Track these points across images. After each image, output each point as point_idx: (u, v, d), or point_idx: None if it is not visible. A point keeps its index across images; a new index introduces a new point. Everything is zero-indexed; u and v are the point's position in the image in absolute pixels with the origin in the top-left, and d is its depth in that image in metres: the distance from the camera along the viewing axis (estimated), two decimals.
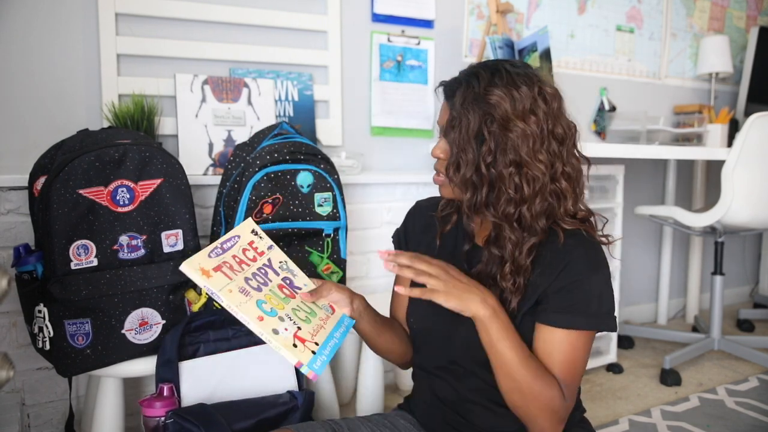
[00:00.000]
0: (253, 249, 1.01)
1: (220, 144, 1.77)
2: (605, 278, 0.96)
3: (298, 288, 1.01)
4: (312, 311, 0.97)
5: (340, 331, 0.98)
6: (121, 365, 1.28)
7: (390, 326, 1.14)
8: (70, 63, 1.64)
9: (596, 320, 0.94)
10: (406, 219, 1.20)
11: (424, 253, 1.06)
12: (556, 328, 0.93)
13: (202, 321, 1.32)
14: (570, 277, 0.93)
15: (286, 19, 1.92)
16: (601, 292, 0.95)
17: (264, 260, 1.00)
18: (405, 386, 1.95)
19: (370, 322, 1.08)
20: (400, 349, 1.14)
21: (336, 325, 0.98)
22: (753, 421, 1.85)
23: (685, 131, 2.56)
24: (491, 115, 0.92)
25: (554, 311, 0.93)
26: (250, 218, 1.07)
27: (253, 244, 1.01)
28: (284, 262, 1.05)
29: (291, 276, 1.02)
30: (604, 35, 2.66)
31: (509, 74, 0.94)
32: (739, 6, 3.08)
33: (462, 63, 2.29)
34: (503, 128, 0.92)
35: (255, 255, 1.00)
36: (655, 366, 2.32)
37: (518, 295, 0.95)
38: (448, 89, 0.99)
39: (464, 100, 0.94)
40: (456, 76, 1.00)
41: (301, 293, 1.00)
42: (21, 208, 1.48)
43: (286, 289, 0.98)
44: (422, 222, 1.15)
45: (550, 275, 0.94)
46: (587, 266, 0.94)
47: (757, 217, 2.16)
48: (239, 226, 1.02)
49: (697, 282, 3.00)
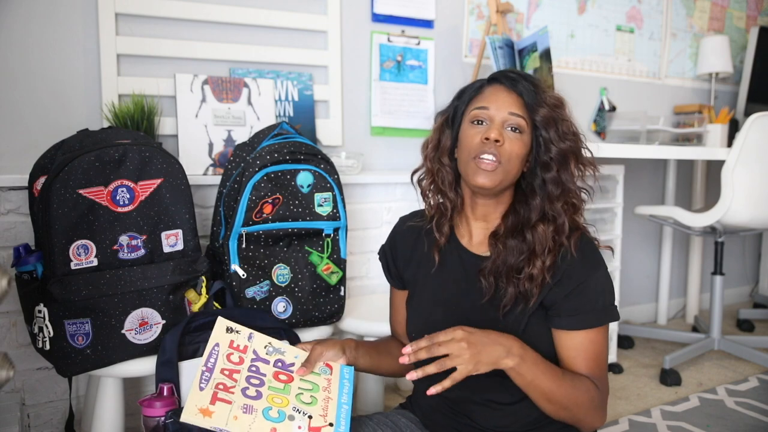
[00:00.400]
0: (236, 349, 1.00)
1: (220, 144, 1.77)
2: (605, 273, 1.00)
3: (291, 365, 1.01)
4: (314, 385, 0.99)
5: (345, 391, 1.00)
6: (121, 365, 1.28)
7: (386, 350, 1.16)
8: (70, 63, 1.64)
9: (604, 314, 0.99)
10: (393, 236, 1.19)
11: (419, 272, 1.10)
12: (574, 331, 0.97)
13: (202, 321, 1.31)
14: (574, 281, 0.97)
15: (286, 19, 1.92)
16: (603, 287, 1.00)
17: (250, 355, 1.00)
18: (405, 386, 1.95)
19: (367, 356, 1.10)
20: (402, 367, 1.15)
21: (340, 386, 0.99)
22: (753, 421, 1.85)
23: (685, 131, 2.56)
24: (554, 114, 1.00)
25: (567, 315, 0.97)
26: (219, 317, 1.06)
27: (234, 344, 1.00)
28: (268, 344, 1.04)
29: (280, 356, 1.02)
30: (604, 35, 2.66)
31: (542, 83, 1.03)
32: (739, 6, 3.08)
33: (462, 63, 2.29)
34: (563, 126, 1.00)
35: (240, 356, 1.00)
36: (655, 366, 2.32)
37: (539, 289, 0.97)
38: (514, 80, 1.02)
39: (539, 94, 1.00)
40: (510, 71, 1.05)
41: (297, 371, 1.00)
42: (21, 208, 1.48)
43: (282, 374, 0.99)
44: (411, 238, 1.15)
45: (555, 275, 0.97)
46: (588, 267, 0.98)
47: (757, 217, 2.16)
48: (214, 332, 1.01)
49: (697, 282, 3.00)
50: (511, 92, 1.00)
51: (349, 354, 1.07)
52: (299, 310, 1.47)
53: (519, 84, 1.00)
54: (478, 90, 1.04)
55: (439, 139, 1.08)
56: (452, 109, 1.08)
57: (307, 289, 1.48)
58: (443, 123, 1.08)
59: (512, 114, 0.99)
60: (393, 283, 1.19)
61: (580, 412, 0.96)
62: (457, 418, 1.05)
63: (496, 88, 1.02)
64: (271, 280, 1.44)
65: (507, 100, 0.99)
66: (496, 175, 0.98)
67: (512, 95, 1.00)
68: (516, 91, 1.00)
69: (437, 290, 1.08)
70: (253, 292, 1.42)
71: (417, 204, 2.09)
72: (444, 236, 1.08)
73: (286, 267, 1.46)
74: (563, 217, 0.98)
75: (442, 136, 1.08)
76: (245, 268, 1.41)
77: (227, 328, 1.02)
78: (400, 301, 1.18)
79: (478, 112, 1.00)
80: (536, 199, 1.00)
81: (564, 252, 0.98)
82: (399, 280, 1.17)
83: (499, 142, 0.97)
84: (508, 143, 0.98)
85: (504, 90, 1.01)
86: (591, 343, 0.98)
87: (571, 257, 0.97)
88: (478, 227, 1.06)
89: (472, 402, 1.03)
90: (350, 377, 1.03)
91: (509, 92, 1.00)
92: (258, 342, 1.03)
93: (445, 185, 1.07)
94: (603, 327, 0.99)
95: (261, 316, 1.39)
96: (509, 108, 0.99)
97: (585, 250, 1.00)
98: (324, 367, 1.03)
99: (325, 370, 1.02)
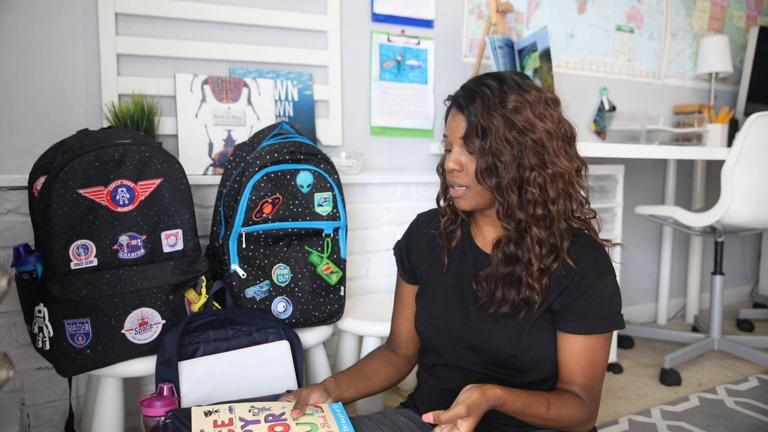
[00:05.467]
0: (223, 426, 0.98)
1: (219, 144, 1.77)
2: (613, 280, 1.01)
3: (282, 415, 1.01)
4: (312, 425, 0.98)
5: (343, 422, 1.00)
6: (121, 365, 1.28)
7: (372, 371, 1.17)
8: (70, 63, 1.64)
9: (610, 322, 0.99)
10: (409, 232, 1.21)
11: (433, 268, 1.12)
12: (576, 335, 0.98)
13: (201, 321, 1.32)
14: (584, 286, 0.98)
15: (285, 19, 1.92)
16: (611, 295, 1.00)
17: (239, 423, 0.98)
18: (405, 386, 1.95)
19: (352, 387, 1.11)
20: (391, 380, 1.18)
21: (337, 420, 1.00)
22: (753, 420, 1.85)
23: (684, 131, 2.56)
24: (512, 120, 0.95)
25: (573, 320, 0.98)
26: (192, 407, 1.04)
27: (218, 423, 0.99)
28: (252, 407, 1.03)
29: (267, 411, 1.02)
30: (604, 35, 2.66)
31: (515, 82, 0.98)
32: (739, 6, 3.08)
33: (462, 63, 2.29)
34: (526, 131, 0.95)
35: (230, 429, 0.97)
36: (655, 366, 2.32)
37: (543, 295, 0.98)
38: (461, 100, 1.00)
39: (485, 108, 0.96)
40: (462, 88, 1.02)
41: (291, 414, 1.00)
42: (21, 208, 1.48)
43: (277, 426, 0.98)
44: (426, 236, 1.17)
45: (563, 281, 0.99)
46: (597, 273, 0.99)
47: (757, 217, 2.16)
48: (193, 424, 0.98)
49: (697, 282, 3.00)
50: (458, 115, 1.01)
51: (334, 392, 1.08)
52: (299, 310, 1.47)
53: (465, 105, 0.99)
54: (447, 112, 1.06)
55: (443, 157, 1.10)
56: None
57: (307, 289, 1.48)
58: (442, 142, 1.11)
59: (462, 138, 0.99)
60: (405, 277, 1.20)
61: (566, 426, 0.99)
62: None
63: (452, 111, 1.03)
64: (271, 280, 1.44)
65: (459, 124, 1.00)
66: (468, 199, 1.01)
67: (460, 118, 1.00)
68: (462, 114, 1.00)
69: (450, 287, 1.09)
70: (253, 292, 1.42)
71: (417, 204, 2.10)
72: (456, 240, 1.11)
73: (286, 267, 1.46)
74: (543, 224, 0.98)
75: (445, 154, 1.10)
76: (245, 268, 1.41)
77: (204, 413, 1.00)
78: (410, 297, 1.19)
79: (444, 141, 1.04)
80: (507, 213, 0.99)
81: (571, 257, 0.99)
82: (411, 274, 1.19)
83: (458, 168, 0.99)
84: (469, 165, 0.99)
85: (455, 113, 1.02)
86: (589, 350, 0.99)
87: (574, 265, 0.98)
88: (489, 231, 1.08)
89: None
90: (342, 411, 1.04)
91: (457, 116, 1.01)
92: (241, 409, 1.02)
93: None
94: (605, 335, 1.00)
95: (261, 316, 1.39)
96: (460, 132, 0.99)
97: (596, 255, 1.00)
98: (314, 407, 1.04)
99: (316, 410, 1.03)
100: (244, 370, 1.30)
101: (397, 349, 1.22)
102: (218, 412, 1.01)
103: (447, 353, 1.08)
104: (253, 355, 1.32)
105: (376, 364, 1.19)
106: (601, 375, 1.02)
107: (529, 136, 0.95)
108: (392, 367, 1.19)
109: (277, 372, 1.33)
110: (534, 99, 0.97)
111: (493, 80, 0.99)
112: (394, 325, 1.23)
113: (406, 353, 1.22)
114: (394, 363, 1.20)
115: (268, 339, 1.37)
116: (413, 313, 1.17)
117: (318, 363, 1.56)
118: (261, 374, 1.31)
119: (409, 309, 1.19)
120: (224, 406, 1.03)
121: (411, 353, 1.21)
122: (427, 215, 1.20)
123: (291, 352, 1.36)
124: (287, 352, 1.36)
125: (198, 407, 1.02)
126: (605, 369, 1.03)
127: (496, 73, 1.03)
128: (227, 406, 1.02)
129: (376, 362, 1.19)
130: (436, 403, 1.10)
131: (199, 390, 1.24)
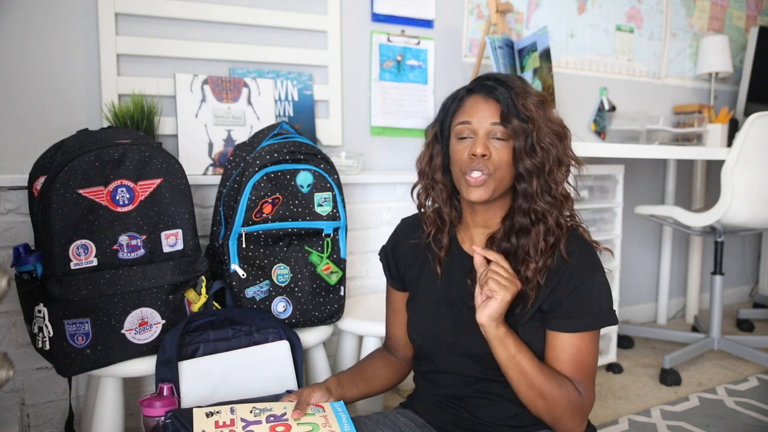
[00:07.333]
0: (224, 427, 0.98)
1: (219, 144, 1.77)
2: (602, 276, 1.01)
3: (283, 416, 1.01)
4: (313, 425, 0.98)
5: (345, 421, 1.00)
6: (121, 365, 1.28)
7: (373, 372, 1.17)
8: (70, 63, 1.64)
9: (600, 318, 0.99)
10: (395, 237, 1.20)
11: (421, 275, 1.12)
12: (566, 333, 0.98)
13: (201, 321, 1.32)
14: (573, 284, 0.98)
15: (285, 19, 1.92)
16: (600, 291, 1.00)
17: (240, 424, 0.99)
18: (405, 386, 1.95)
19: (353, 387, 1.11)
20: (392, 381, 1.19)
21: (338, 420, 1.00)
22: (753, 420, 1.85)
23: (684, 131, 2.56)
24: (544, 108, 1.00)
25: (563, 318, 0.98)
26: (193, 407, 1.04)
27: (219, 423, 0.99)
28: (253, 408, 1.03)
29: (269, 412, 1.02)
30: (603, 35, 2.66)
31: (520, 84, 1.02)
32: (739, 6, 3.08)
33: (462, 63, 2.29)
34: (552, 122, 1.00)
35: (231, 429, 0.97)
36: (655, 366, 2.32)
37: (537, 289, 0.98)
38: (491, 87, 1.01)
39: (519, 93, 0.99)
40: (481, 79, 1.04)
41: (292, 415, 1.00)
42: (21, 208, 1.48)
43: (278, 426, 0.98)
44: (411, 241, 1.15)
45: (552, 279, 0.98)
46: (586, 270, 0.99)
47: (756, 217, 2.16)
48: (195, 424, 0.98)
49: (697, 282, 3.00)
50: (489, 101, 1.00)
51: (336, 391, 1.08)
52: (299, 310, 1.47)
53: (496, 91, 1.00)
54: (460, 102, 1.05)
55: (431, 155, 1.09)
56: (439, 124, 1.09)
57: (307, 289, 1.48)
58: (433, 138, 1.09)
59: (494, 124, 0.99)
60: (394, 284, 1.19)
61: (558, 410, 0.95)
62: (458, 413, 1.06)
63: (474, 99, 1.02)
64: (271, 280, 1.44)
65: (487, 111, 1.00)
66: (488, 187, 0.99)
67: (491, 104, 1.00)
68: (494, 99, 1.00)
69: (441, 293, 1.09)
70: (253, 292, 1.42)
71: None
72: (444, 249, 1.09)
73: (286, 267, 1.46)
74: (553, 217, 0.99)
75: (433, 152, 1.09)
76: (245, 268, 1.41)
77: (206, 414, 1.01)
78: (400, 304, 1.18)
79: (462, 128, 1.01)
80: (527, 200, 1.00)
81: (560, 254, 0.98)
82: (400, 282, 1.18)
83: (486, 155, 0.98)
84: (495, 153, 0.99)
85: (482, 100, 1.01)
86: (575, 347, 0.98)
87: (568, 259, 0.98)
88: (478, 233, 1.07)
89: (472, 398, 1.04)
90: (343, 410, 1.03)
91: (488, 101, 1.00)
92: (242, 410, 1.02)
93: (440, 201, 1.09)
94: (593, 332, 0.99)
95: (261, 316, 1.39)
96: (490, 118, 0.99)
97: (583, 252, 1.00)
98: (315, 407, 1.04)
99: (317, 410, 1.03)
100: (244, 370, 1.30)
101: (395, 352, 1.22)
102: (220, 413, 1.01)
103: (441, 360, 1.07)
104: (253, 355, 1.32)
105: (377, 365, 1.19)
106: (591, 372, 1.00)
107: (550, 128, 1.00)
108: (392, 368, 1.19)
109: (277, 372, 1.33)
110: (544, 99, 1.02)
111: (506, 78, 1.02)
112: (389, 330, 1.23)
113: (404, 356, 1.22)
114: (393, 365, 1.20)
115: (268, 339, 1.37)
116: (406, 320, 1.16)
117: (318, 363, 1.56)
118: (261, 374, 1.31)
119: (401, 315, 1.18)
120: (226, 407, 1.03)
121: (409, 356, 1.21)
122: (412, 220, 1.19)
123: (291, 352, 1.36)
124: (287, 352, 1.36)
125: (200, 408, 1.02)
126: (596, 365, 1.02)
127: (503, 74, 1.06)
128: (229, 407, 1.03)
129: (376, 363, 1.19)
130: (435, 408, 1.10)
131: (199, 390, 1.24)
